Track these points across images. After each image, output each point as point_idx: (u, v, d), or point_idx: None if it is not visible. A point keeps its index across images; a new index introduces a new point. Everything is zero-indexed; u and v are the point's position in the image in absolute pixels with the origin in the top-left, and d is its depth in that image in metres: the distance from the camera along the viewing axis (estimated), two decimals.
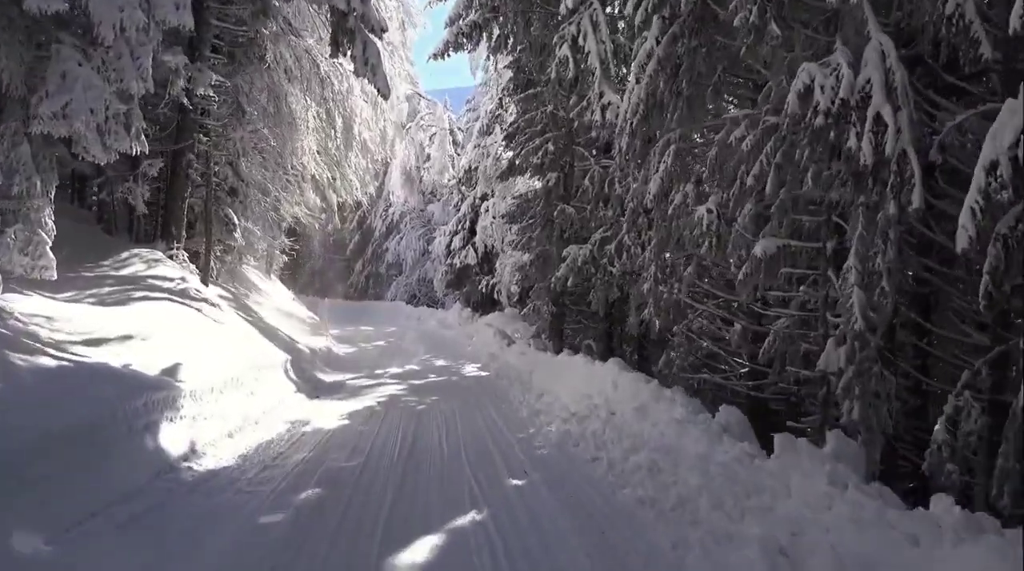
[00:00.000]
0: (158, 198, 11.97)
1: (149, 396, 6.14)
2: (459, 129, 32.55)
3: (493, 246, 25.98)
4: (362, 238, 41.34)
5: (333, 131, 15.93)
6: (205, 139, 11.76)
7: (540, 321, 15.50)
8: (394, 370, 14.90)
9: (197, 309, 9.57)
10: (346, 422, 8.89)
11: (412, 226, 36.03)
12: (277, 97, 14.36)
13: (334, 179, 23.73)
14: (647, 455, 5.91)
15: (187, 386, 7.01)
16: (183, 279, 10.39)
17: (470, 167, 26.72)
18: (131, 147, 8.74)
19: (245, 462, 6.59)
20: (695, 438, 5.70)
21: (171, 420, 6.45)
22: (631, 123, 9.80)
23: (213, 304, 10.45)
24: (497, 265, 25.43)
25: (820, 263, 7.76)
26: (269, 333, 12.61)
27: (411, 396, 11.32)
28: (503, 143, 18.06)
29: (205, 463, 6.35)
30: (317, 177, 21.30)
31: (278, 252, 26.75)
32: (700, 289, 11.21)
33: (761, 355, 8.24)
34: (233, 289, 16.54)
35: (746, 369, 10.66)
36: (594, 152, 15.15)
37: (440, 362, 16.79)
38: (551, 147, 14.99)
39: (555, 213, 14.78)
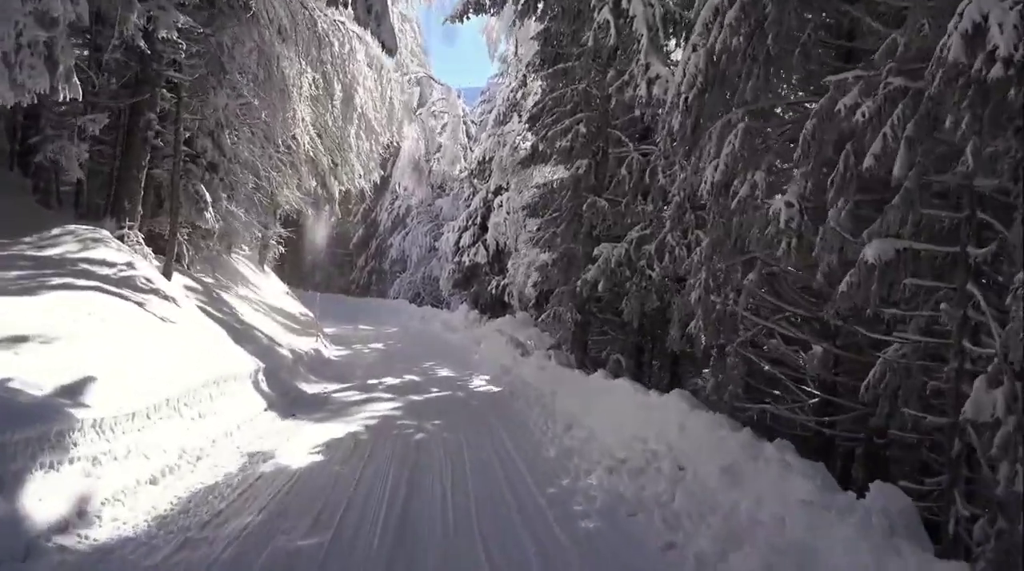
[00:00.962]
0: (114, 166, 9.94)
1: (11, 434, 4.08)
2: (472, 122, 30.57)
3: (506, 244, 24.00)
4: (366, 232, 39.39)
5: (331, 101, 13.85)
6: (170, 96, 9.70)
7: (562, 330, 13.42)
8: (390, 381, 12.82)
9: (139, 303, 7.53)
10: (320, 458, 6.81)
11: (419, 221, 34.04)
12: (268, 59, 12.32)
13: (335, 164, 21.77)
14: (761, 556, 3.83)
15: (91, 412, 4.95)
16: (129, 265, 8.35)
17: (484, 158, 24.70)
18: (57, 90, 6.70)
19: (160, 530, 4.52)
20: (845, 540, 3.61)
21: (51, 468, 4.38)
22: (685, 98, 7.89)
23: (167, 297, 8.41)
24: (509, 265, 23.41)
25: (957, 274, 5.70)
26: (242, 334, 10.56)
27: (408, 418, 9.25)
28: (525, 126, 15.98)
29: (95, 534, 4.28)
30: (315, 159, 19.28)
31: (273, 241, 24.88)
32: (763, 300, 9.31)
33: (865, 390, 6.19)
34: (211, 279, 14.51)
35: (816, 400, 8.69)
36: (633, 137, 13.10)
37: (444, 372, 14.72)
38: (582, 129, 12.92)
39: (584, 206, 12.71)
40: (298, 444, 7.32)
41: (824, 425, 8.36)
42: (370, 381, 12.61)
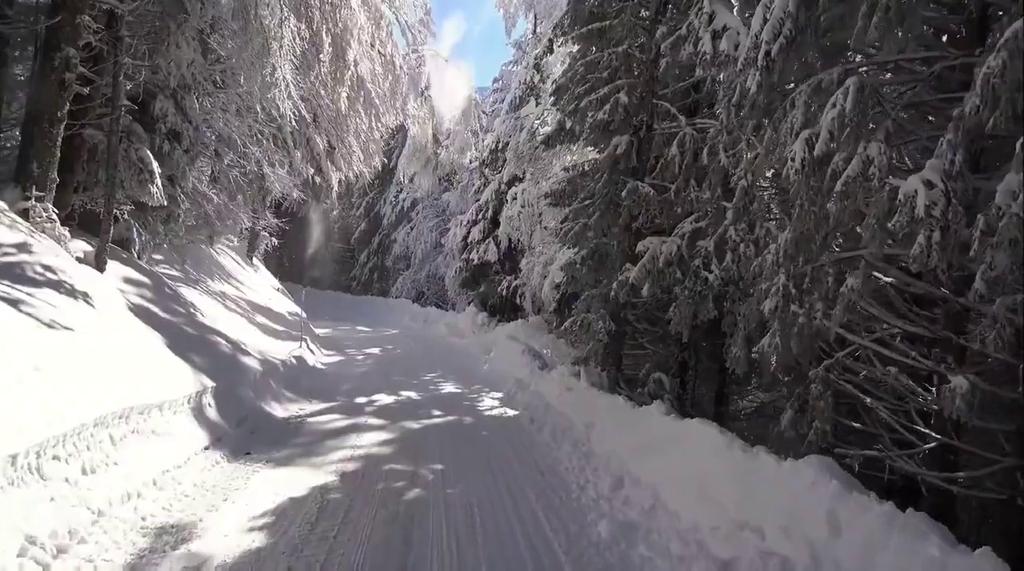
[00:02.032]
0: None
1: None
2: (484, 113, 28.33)
3: (519, 240, 21.82)
4: (369, 226, 37.22)
5: (319, 57, 11.54)
6: (96, 27, 7.41)
7: (591, 342, 11.10)
8: (383, 399, 10.55)
9: (16, 302, 5.24)
10: (261, 540, 4.53)
11: (425, 215, 31.82)
12: (244, 5, 10.06)
13: (332, 147, 19.67)
14: None
15: None
16: (21, 248, 6.09)
17: (497, 144, 22.47)
18: None
19: None
20: None
21: None
22: (766, 51, 5.76)
23: (76, 293, 6.17)
24: (523, 264, 21.25)
25: None
26: (195, 342, 8.32)
27: (400, 459, 6.98)
28: (550, 100, 13.69)
29: None
30: (308, 138, 17.08)
31: (265, 232, 22.71)
32: (862, 312, 7.31)
33: None
34: (176, 272, 12.28)
35: (932, 445, 6.61)
36: (685, 109, 10.80)
37: (449, 387, 12.45)
38: (623, 99, 10.63)
39: (623, 192, 10.43)
40: (237, 509, 5.06)
41: (951, 481, 6.25)
42: (358, 400, 10.34)
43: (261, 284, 20.15)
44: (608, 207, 11.09)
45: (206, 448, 6.40)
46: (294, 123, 12.51)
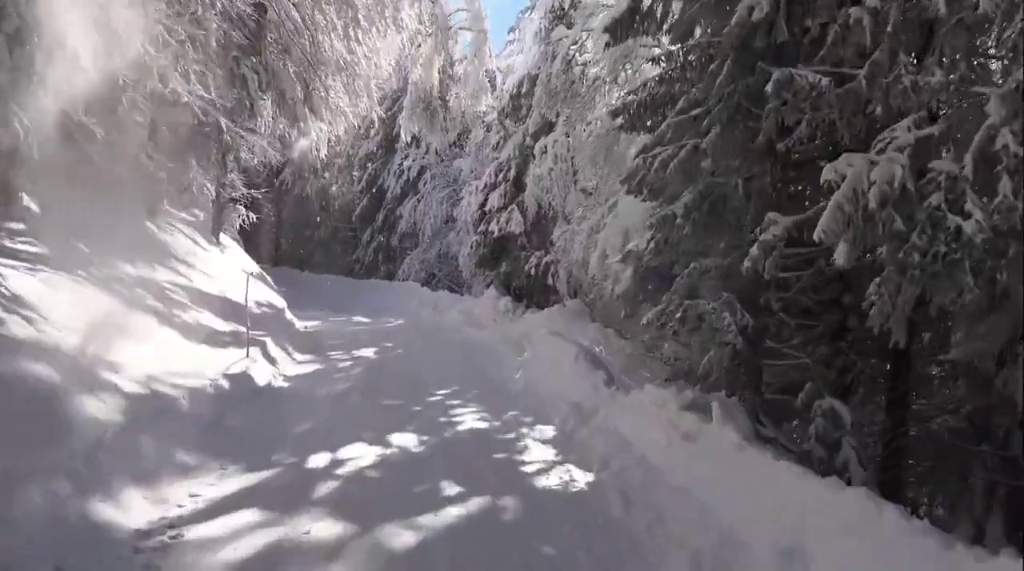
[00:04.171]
0: None
1: None
2: (497, 70, 23.74)
3: (550, 205, 17.37)
4: (372, 202, 32.68)
5: None
6: None
7: (713, 348, 6.56)
8: (359, 459, 6.06)
9: None
10: None
11: (434, 185, 27.25)
12: None
13: (308, 90, 15.24)
14: None
15: None
16: None
17: (520, 88, 17.91)
18: None
19: None
20: None
21: None
22: None
23: None
24: (556, 234, 16.78)
25: None
26: None
27: None
28: None
29: None
30: (275, 72, 12.64)
31: (239, 204, 18.41)
32: None
33: None
34: (35, 248, 7.85)
35: None
36: None
37: (468, 419, 7.92)
38: None
39: (768, 87, 5.91)
40: None
41: None
42: (313, 460, 5.87)
43: (225, 268, 15.70)
44: (733, 118, 6.52)
45: None
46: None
